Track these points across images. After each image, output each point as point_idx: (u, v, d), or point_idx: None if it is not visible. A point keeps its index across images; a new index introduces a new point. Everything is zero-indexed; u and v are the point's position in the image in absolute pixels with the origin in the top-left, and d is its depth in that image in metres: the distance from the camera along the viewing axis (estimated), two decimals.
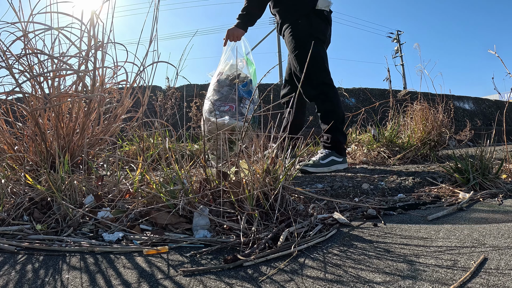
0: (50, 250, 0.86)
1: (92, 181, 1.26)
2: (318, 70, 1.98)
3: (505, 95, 2.18)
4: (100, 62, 1.46)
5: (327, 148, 1.98)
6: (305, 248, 0.86)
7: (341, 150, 1.98)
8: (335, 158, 1.95)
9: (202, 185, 1.09)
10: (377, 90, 7.19)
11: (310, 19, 1.99)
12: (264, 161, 1.08)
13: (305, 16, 1.99)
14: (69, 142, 1.41)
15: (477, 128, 4.35)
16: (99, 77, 1.50)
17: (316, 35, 1.98)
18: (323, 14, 2.01)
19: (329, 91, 1.99)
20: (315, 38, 1.95)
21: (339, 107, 2.00)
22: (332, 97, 1.99)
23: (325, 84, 1.99)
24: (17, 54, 1.34)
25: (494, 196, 1.37)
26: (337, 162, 1.95)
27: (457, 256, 0.76)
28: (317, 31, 2.00)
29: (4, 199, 1.11)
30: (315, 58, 1.94)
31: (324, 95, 1.99)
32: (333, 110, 1.98)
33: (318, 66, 1.98)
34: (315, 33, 1.98)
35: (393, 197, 1.47)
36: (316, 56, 1.95)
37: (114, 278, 0.71)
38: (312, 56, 1.94)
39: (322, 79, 1.99)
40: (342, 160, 1.97)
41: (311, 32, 1.98)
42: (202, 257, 0.81)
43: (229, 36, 2.07)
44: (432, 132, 2.52)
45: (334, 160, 1.94)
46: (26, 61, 1.39)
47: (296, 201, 1.24)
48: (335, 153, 1.96)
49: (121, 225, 0.99)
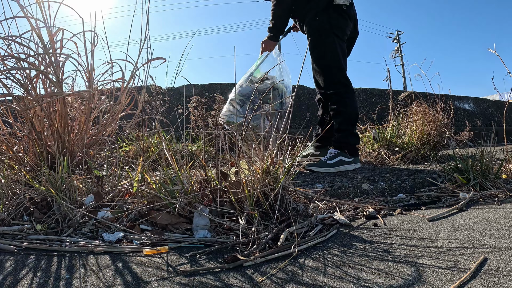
0: (50, 250, 0.86)
1: (92, 181, 1.26)
2: (333, 68, 1.97)
3: (505, 95, 2.18)
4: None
5: (336, 148, 1.97)
6: (305, 248, 0.86)
7: (351, 151, 1.96)
8: (344, 158, 1.93)
9: (202, 185, 1.09)
10: (377, 90, 7.19)
11: (328, 15, 1.94)
12: (264, 161, 1.08)
13: (322, 11, 1.95)
14: (68, 141, 1.41)
15: (477, 128, 4.35)
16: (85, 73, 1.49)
17: (333, 31, 1.95)
18: (342, 8, 1.95)
19: (344, 91, 1.97)
20: (332, 34, 1.93)
21: (352, 107, 1.97)
22: (346, 97, 1.96)
23: (340, 84, 1.97)
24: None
25: (494, 196, 1.37)
26: (346, 162, 1.93)
27: (457, 257, 0.76)
28: (335, 27, 1.95)
29: (4, 199, 1.11)
30: (330, 56, 1.94)
31: (337, 95, 1.97)
32: (344, 111, 1.96)
33: (333, 64, 1.96)
34: (332, 29, 1.95)
35: (393, 197, 1.47)
36: (333, 53, 1.94)
37: (114, 278, 0.70)
38: (328, 54, 1.95)
39: (336, 78, 1.97)
40: (352, 160, 1.94)
41: (328, 29, 1.94)
42: (202, 257, 0.81)
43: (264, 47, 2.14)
44: (432, 132, 2.52)
45: (342, 160, 1.93)
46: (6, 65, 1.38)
47: (296, 201, 1.24)
48: (343, 153, 1.94)
49: (121, 225, 0.98)
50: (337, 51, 1.96)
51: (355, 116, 2.00)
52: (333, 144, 2.00)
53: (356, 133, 2.04)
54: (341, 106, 1.96)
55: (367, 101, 6.94)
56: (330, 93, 1.98)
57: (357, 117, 2.03)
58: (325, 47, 1.95)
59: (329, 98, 2.01)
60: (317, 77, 2.03)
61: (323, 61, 1.98)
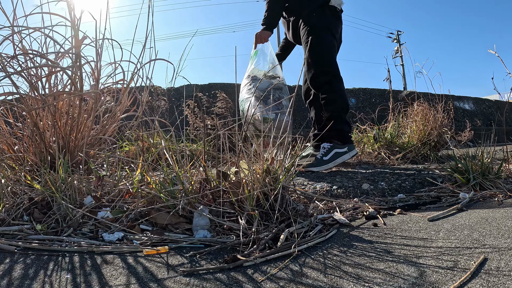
0: (50, 250, 0.86)
1: (92, 181, 1.26)
2: (325, 59, 2.01)
3: (505, 95, 2.18)
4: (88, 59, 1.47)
5: (328, 141, 1.96)
6: (305, 248, 0.86)
7: (344, 138, 1.96)
8: (338, 150, 1.93)
9: (202, 185, 1.09)
10: (377, 90, 7.19)
11: (324, 12, 2.03)
12: (264, 161, 1.08)
13: (319, 8, 2.04)
14: (68, 142, 1.41)
15: (477, 128, 4.35)
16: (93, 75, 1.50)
17: (329, 27, 2.03)
18: (336, 10, 2.06)
19: (335, 81, 2.00)
20: (327, 29, 2.00)
21: (343, 97, 2.00)
22: (337, 88, 2.00)
23: (331, 73, 2.00)
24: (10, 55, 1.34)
25: (494, 196, 1.37)
26: (341, 154, 1.93)
27: (457, 257, 0.76)
28: (330, 24, 2.04)
29: (4, 199, 1.11)
30: (326, 47, 1.99)
31: (329, 85, 2.00)
32: (335, 99, 1.98)
33: (326, 56, 2.00)
34: (328, 25, 2.03)
35: (393, 197, 1.47)
36: (328, 45, 1.99)
37: (114, 278, 0.70)
38: (323, 45, 1.99)
39: (328, 68, 2.01)
40: (346, 149, 1.94)
41: (324, 24, 2.02)
42: (202, 257, 0.81)
43: (257, 39, 2.13)
44: (432, 132, 2.52)
45: (337, 152, 1.92)
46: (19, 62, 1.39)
47: (296, 201, 1.24)
48: (337, 144, 1.94)
49: (121, 225, 0.98)
50: (332, 43, 2.02)
51: (346, 105, 2.02)
52: (326, 134, 1.99)
53: (348, 121, 2.05)
54: (332, 94, 1.99)
55: (367, 101, 6.94)
56: (322, 83, 2.01)
57: (348, 106, 2.05)
58: (318, 39, 2.00)
59: (320, 88, 2.03)
60: (309, 69, 2.05)
61: (317, 52, 2.01)
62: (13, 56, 1.34)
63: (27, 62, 1.41)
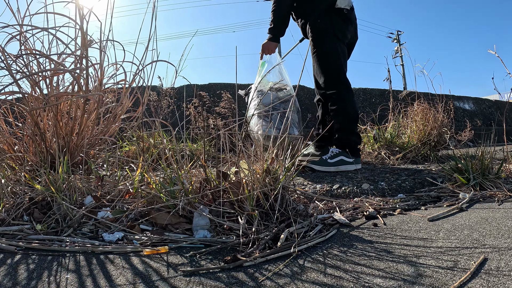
0: (50, 250, 0.86)
1: (92, 181, 1.26)
2: (334, 69, 1.98)
3: (505, 95, 2.18)
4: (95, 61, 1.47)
5: (338, 147, 1.97)
6: (305, 248, 0.86)
7: (352, 151, 1.96)
8: (345, 158, 1.93)
9: (202, 185, 1.09)
10: (377, 90, 7.20)
11: (330, 17, 1.98)
12: (264, 161, 1.08)
13: (324, 13, 1.98)
14: (69, 142, 1.41)
15: (477, 128, 4.35)
16: (97, 77, 1.50)
17: (335, 33, 1.98)
18: (343, 12, 1.99)
19: (344, 91, 1.98)
20: (333, 36, 1.96)
21: (352, 107, 1.98)
22: (345, 97, 1.97)
23: (340, 84, 1.98)
24: (15, 54, 1.34)
25: (494, 196, 1.37)
26: (346, 162, 1.93)
27: (457, 257, 0.76)
28: (337, 29, 1.98)
29: (4, 199, 1.11)
30: (331, 56, 1.96)
31: (337, 95, 1.97)
32: (345, 110, 1.96)
33: (334, 65, 1.97)
34: (334, 31, 1.98)
35: (393, 197, 1.47)
36: (334, 54, 1.96)
37: (114, 278, 0.71)
38: (329, 55, 1.97)
39: (337, 78, 1.98)
40: (353, 160, 1.95)
41: (330, 30, 1.97)
42: (202, 257, 0.81)
43: (264, 50, 2.12)
44: (432, 132, 2.52)
45: (343, 160, 1.93)
46: (23, 61, 1.40)
47: (296, 201, 1.24)
48: (345, 153, 1.94)
49: (121, 225, 0.99)
50: (338, 52, 1.98)
51: (355, 115, 2.00)
52: (334, 143, 2.00)
53: (358, 133, 2.03)
54: (341, 105, 1.96)
55: (367, 101, 6.94)
56: (330, 93, 1.99)
57: (357, 116, 2.03)
58: (326, 47, 1.96)
59: (329, 98, 2.01)
60: (318, 77, 2.04)
61: (324, 61, 1.98)
62: (18, 56, 1.34)
63: (31, 62, 1.41)
